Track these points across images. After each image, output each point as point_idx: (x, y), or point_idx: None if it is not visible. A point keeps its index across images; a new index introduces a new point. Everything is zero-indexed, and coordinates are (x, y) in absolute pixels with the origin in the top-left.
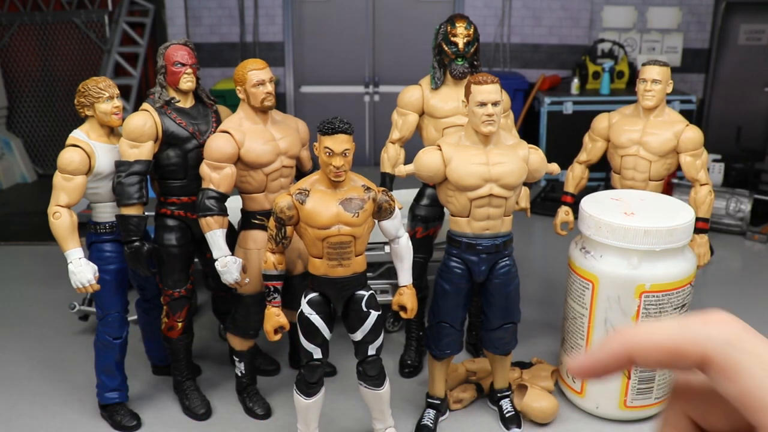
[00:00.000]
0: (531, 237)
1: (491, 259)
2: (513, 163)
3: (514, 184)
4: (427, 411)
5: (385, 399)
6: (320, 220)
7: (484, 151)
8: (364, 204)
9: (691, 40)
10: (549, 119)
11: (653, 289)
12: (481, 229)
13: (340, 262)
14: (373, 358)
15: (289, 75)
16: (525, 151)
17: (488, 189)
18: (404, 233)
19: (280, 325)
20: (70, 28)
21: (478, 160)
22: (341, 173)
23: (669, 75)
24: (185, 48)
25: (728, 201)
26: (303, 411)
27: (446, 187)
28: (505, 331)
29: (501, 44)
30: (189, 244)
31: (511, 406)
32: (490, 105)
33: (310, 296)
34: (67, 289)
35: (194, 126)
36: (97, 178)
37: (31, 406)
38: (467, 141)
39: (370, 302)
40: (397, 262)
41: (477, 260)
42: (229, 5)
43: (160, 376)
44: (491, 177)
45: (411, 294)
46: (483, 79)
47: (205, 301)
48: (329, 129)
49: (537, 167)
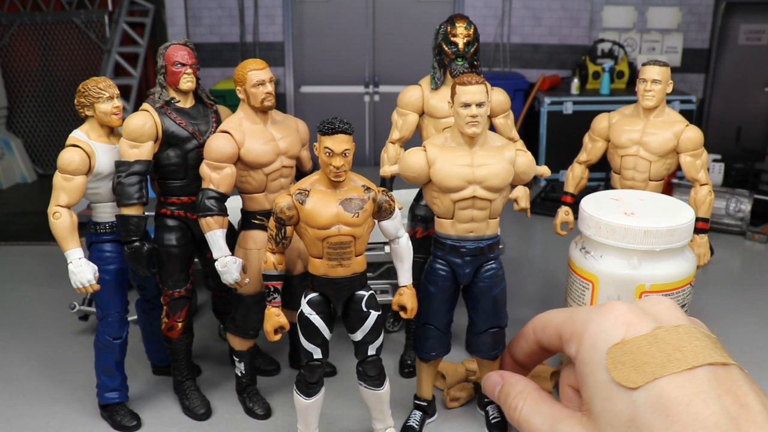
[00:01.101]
0: (531, 237)
1: (476, 261)
2: (498, 165)
3: (499, 186)
4: (414, 413)
5: (385, 399)
6: (320, 220)
7: (469, 153)
8: (364, 204)
9: (691, 40)
10: (549, 119)
11: (653, 289)
12: (465, 231)
13: (340, 262)
14: (373, 358)
15: (289, 75)
16: (512, 153)
17: (472, 191)
18: (404, 233)
19: (280, 325)
20: (70, 28)
21: (462, 162)
22: (341, 173)
23: (669, 75)
24: (185, 48)
25: (728, 201)
26: (303, 411)
27: (431, 189)
28: (492, 335)
29: (501, 44)
30: (189, 245)
31: (497, 412)
32: (474, 106)
33: (310, 296)
34: (67, 289)
35: (194, 126)
36: (97, 178)
37: (31, 406)
38: (453, 142)
39: (370, 302)
40: (397, 262)
41: (461, 262)
42: (229, 5)
43: (160, 376)
44: (475, 179)
45: (411, 294)
46: (468, 80)
47: (205, 301)
48: (329, 129)
49: (524, 170)
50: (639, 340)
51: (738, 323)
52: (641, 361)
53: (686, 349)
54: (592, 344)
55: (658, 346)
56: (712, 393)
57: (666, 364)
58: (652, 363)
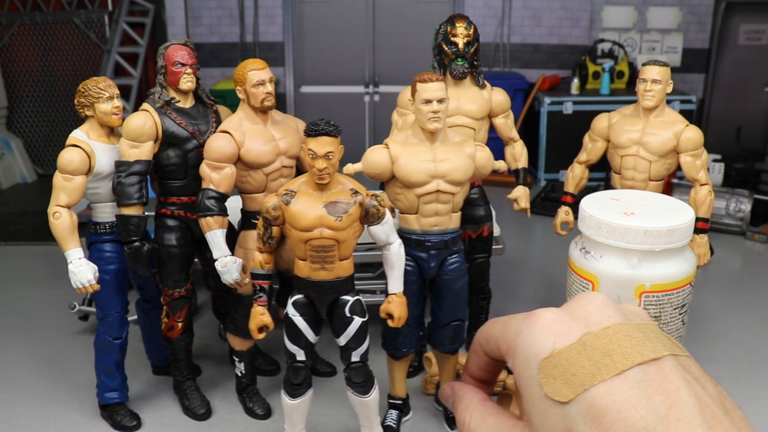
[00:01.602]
0: (531, 237)
1: (440, 255)
2: (459, 160)
3: (461, 180)
4: (390, 412)
5: (372, 406)
6: (303, 222)
7: (431, 149)
8: (349, 208)
9: (691, 40)
10: (549, 119)
11: (653, 289)
12: (429, 225)
13: (322, 265)
14: (357, 365)
15: (289, 75)
16: (471, 149)
17: (435, 185)
18: (396, 239)
19: (264, 324)
20: (70, 28)
21: (425, 157)
22: (324, 176)
23: (669, 75)
24: (185, 48)
25: (728, 201)
26: (288, 411)
27: (394, 185)
28: (453, 328)
29: (501, 44)
30: (189, 245)
31: None
32: (435, 102)
33: (295, 298)
34: (67, 289)
35: (194, 126)
36: (97, 178)
37: (31, 406)
38: (414, 139)
39: (354, 308)
40: (388, 269)
41: (426, 257)
42: (229, 5)
43: (160, 376)
44: (438, 173)
45: (399, 302)
46: (428, 78)
47: (205, 301)
48: (313, 131)
49: (483, 164)
50: (568, 350)
51: (738, 323)
52: (571, 372)
53: (615, 353)
54: (524, 359)
55: (586, 354)
56: (642, 395)
57: (595, 372)
58: (581, 374)
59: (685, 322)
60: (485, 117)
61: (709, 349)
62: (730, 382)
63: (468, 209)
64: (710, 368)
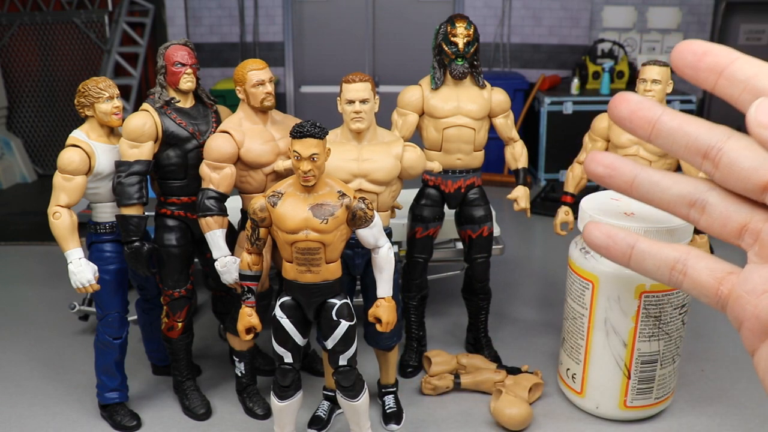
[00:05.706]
0: (531, 237)
1: (365, 252)
2: (384, 161)
3: (384, 180)
4: (322, 403)
5: (361, 411)
6: (288, 224)
7: (357, 148)
8: (335, 211)
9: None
10: (549, 119)
11: (653, 289)
12: None
13: (308, 268)
14: (345, 369)
15: (289, 75)
16: (399, 149)
17: (357, 184)
18: (385, 243)
19: (252, 326)
20: (70, 28)
21: (349, 156)
22: (309, 178)
23: (669, 75)
24: (185, 48)
25: None
26: (277, 413)
27: None
28: None
29: (501, 44)
30: (189, 245)
31: (394, 402)
32: (358, 102)
33: (283, 300)
34: (67, 289)
35: (194, 126)
36: (97, 178)
37: (31, 406)
38: (343, 138)
39: (341, 311)
40: (377, 273)
41: (351, 254)
42: (229, 5)
43: (160, 376)
44: (360, 172)
45: (387, 307)
46: (352, 78)
47: (205, 301)
48: (297, 133)
49: (411, 164)
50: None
51: None
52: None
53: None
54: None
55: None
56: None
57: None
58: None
59: (685, 321)
60: (485, 117)
61: (709, 349)
62: (731, 382)
63: (468, 209)
64: (710, 368)
